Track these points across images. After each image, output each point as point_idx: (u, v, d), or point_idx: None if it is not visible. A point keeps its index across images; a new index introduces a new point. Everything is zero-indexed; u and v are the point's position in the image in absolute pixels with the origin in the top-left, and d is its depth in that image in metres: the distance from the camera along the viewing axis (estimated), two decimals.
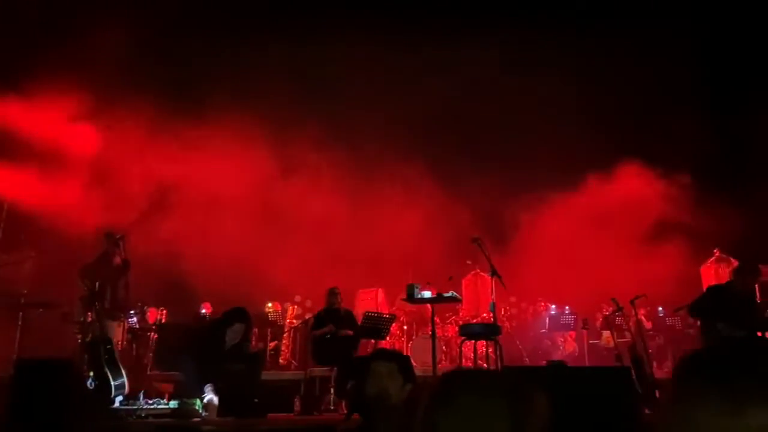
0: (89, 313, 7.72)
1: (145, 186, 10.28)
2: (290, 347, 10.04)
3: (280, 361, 9.85)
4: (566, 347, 10.04)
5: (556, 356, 9.70)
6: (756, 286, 7.10)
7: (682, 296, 9.82)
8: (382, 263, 10.78)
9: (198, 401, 5.86)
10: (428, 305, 7.25)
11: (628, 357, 7.67)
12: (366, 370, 3.15)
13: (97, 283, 7.74)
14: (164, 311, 9.44)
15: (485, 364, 6.72)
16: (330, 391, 7.75)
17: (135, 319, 8.67)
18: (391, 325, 8.16)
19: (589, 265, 10.67)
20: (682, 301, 9.95)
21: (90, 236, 8.28)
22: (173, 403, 5.84)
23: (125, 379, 6.28)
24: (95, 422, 4.23)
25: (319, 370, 7.96)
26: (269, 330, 9.88)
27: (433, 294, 6.67)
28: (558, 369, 4.04)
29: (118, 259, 8.05)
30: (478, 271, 10.49)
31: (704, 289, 9.01)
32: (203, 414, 5.79)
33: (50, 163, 9.34)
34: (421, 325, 10.07)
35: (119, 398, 6.06)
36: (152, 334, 8.68)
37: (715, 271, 9.69)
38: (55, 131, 9.46)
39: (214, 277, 9.32)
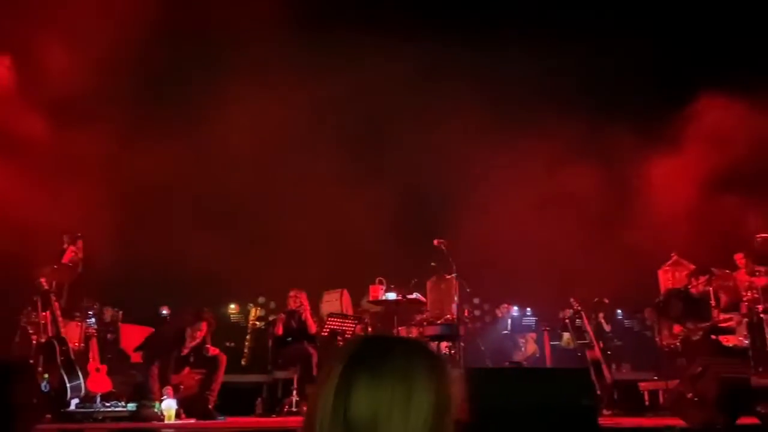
0: (44, 314, 7.54)
1: (103, 182, 10.03)
2: (252, 349, 9.92)
3: (242, 362, 9.73)
4: (527, 348, 10.17)
5: (518, 357, 9.83)
6: (710, 288, 7.28)
7: (640, 298, 10.12)
8: (346, 264, 10.76)
9: (157, 404, 5.76)
10: (393, 306, 7.27)
11: (588, 359, 7.83)
12: None
13: (53, 283, 7.56)
14: (120, 312, 9.22)
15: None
16: (292, 393, 7.71)
17: (93, 320, 8.46)
18: (355, 327, 8.16)
19: (550, 267, 10.84)
20: (639, 303, 10.24)
21: (45, 234, 8.04)
22: (131, 406, 5.72)
23: (82, 381, 6.12)
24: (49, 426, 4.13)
25: (281, 373, 7.90)
26: (230, 332, 9.78)
27: (397, 296, 6.70)
28: (519, 371, 4.07)
29: (75, 259, 7.86)
30: (443, 274, 10.54)
31: (662, 292, 9.25)
32: (162, 417, 5.68)
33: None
34: (386, 326, 10.08)
35: (75, 401, 5.90)
36: (109, 335, 8.49)
37: (672, 275, 9.91)
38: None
39: (174, 277, 9.15)
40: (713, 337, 6.83)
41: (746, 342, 8.33)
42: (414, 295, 6.82)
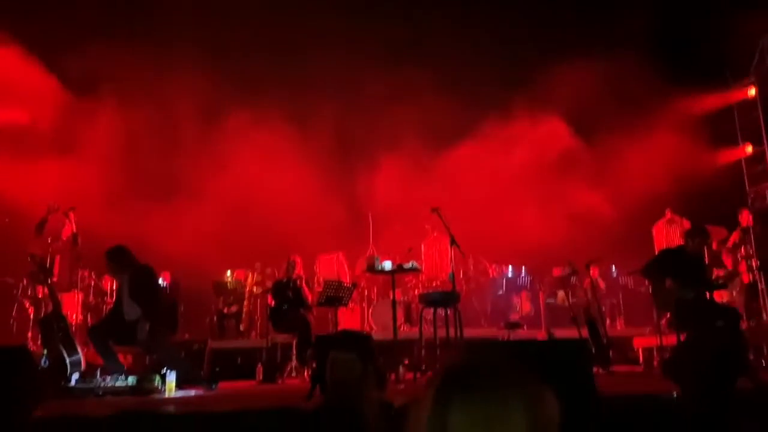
0: (40, 288, 7.54)
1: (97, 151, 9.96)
2: (251, 315, 9.99)
3: (240, 328, 9.81)
4: (523, 307, 10.25)
5: (514, 317, 9.92)
6: (705, 247, 7.30)
7: (635, 255, 10.16)
8: (343, 227, 10.77)
9: (157, 377, 5.79)
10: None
11: (583, 317, 7.89)
12: (326, 354, 3.15)
13: (48, 257, 7.54)
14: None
15: (445, 328, 6.79)
16: (292, 358, 7.79)
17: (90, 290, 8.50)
18: (352, 293, 8.19)
19: (544, 225, 10.88)
20: (634, 260, 10.28)
21: (37, 208, 7.98)
22: (131, 379, 5.74)
23: (81, 355, 6.14)
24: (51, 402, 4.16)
25: (280, 338, 7.96)
26: (231, 297, 9.84)
27: (393, 266, 6.70)
28: (519, 344, 4.09)
29: (68, 232, 7.81)
30: (437, 235, 10.56)
31: (656, 250, 9.29)
32: (162, 390, 5.72)
33: None
34: (382, 289, 10.15)
35: (75, 376, 5.93)
36: (106, 306, 8.52)
37: (666, 232, 9.95)
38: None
39: (172, 245, 9.13)
40: (707, 294, 6.86)
41: (740, 297, 8.45)
42: (410, 264, 6.81)
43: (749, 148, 11.03)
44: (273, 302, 8.11)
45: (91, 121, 10.01)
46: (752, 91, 10.95)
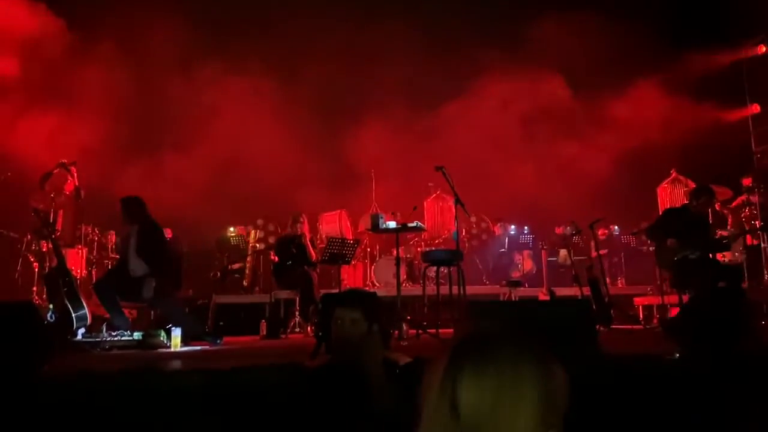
0: (44, 243, 7.55)
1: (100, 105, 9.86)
2: (254, 270, 10.04)
3: (244, 284, 9.87)
4: (524, 266, 10.30)
5: (515, 275, 9.97)
6: (709, 207, 7.27)
7: (639, 215, 10.16)
8: (345, 184, 10.74)
9: (162, 332, 5.85)
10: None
11: (585, 276, 7.93)
12: (332, 311, 3.16)
13: (51, 212, 7.53)
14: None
15: (448, 286, 6.82)
16: (295, 314, 7.86)
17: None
18: (355, 250, 8.21)
19: (547, 184, 10.84)
20: (637, 219, 10.29)
21: (38, 163, 7.92)
22: (137, 335, 5.81)
23: (86, 310, 6.19)
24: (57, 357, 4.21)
25: (283, 293, 8.02)
26: (234, 253, 9.88)
27: (397, 224, 6.70)
28: (523, 304, 4.11)
29: (70, 186, 7.78)
30: (440, 193, 10.53)
31: (660, 210, 9.27)
32: (167, 345, 5.79)
33: None
34: (385, 247, 10.18)
35: (81, 330, 5.99)
36: (110, 262, 8.55)
37: (671, 192, 9.91)
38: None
39: (173, 202, 9.11)
40: (710, 255, 6.88)
41: (742, 258, 8.47)
42: (414, 224, 6.80)
43: (756, 108, 10.88)
44: (276, 258, 8.13)
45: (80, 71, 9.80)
46: (762, 49, 10.76)
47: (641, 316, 8.63)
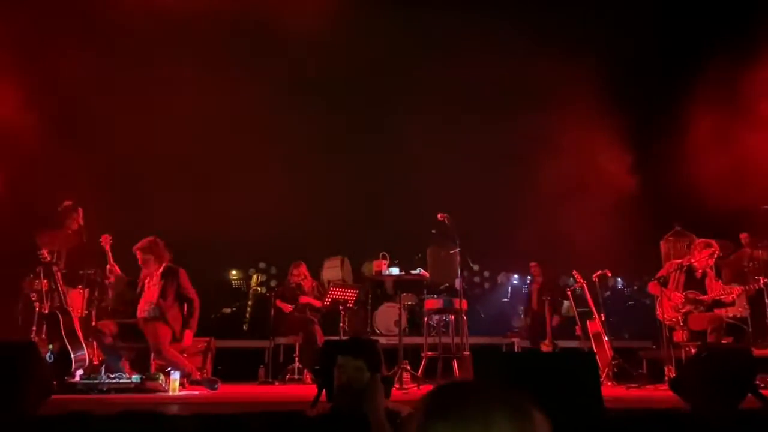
0: (46, 282, 7.52)
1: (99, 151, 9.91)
2: (254, 314, 9.99)
3: (244, 327, 9.81)
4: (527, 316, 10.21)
5: (518, 325, 9.90)
6: (712, 261, 7.26)
7: (641, 268, 10.14)
8: (346, 231, 10.74)
9: (161, 375, 5.79)
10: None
11: (588, 330, 7.89)
12: (334, 359, 3.14)
13: (55, 252, 7.53)
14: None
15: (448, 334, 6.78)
16: (294, 360, 7.78)
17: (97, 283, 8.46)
18: (356, 296, 8.19)
19: (552, 236, 10.82)
20: (640, 273, 10.27)
21: (42, 203, 7.96)
22: (136, 377, 5.74)
23: (85, 351, 6.15)
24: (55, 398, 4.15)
25: (283, 339, 7.96)
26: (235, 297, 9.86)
27: (400, 271, 6.70)
28: (528, 354, 4.08)
29: (74, 226, 7.80)
30: (443, 241, 10.52)
31: (663, 263, 9.25)
32: (166, 388, 5.72)
33: None
34: (386, 292, 10.14)
35: (80, 372, 5.93)
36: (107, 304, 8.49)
37: (674, 246, 9.91)
38: None
39: (176, 243, 9.12)
40: (715, 310, 6.85)
41: (747, 313, 8.41)
42: (417, 271, 6.81)
43: None
44: (280, 304, 8.11)
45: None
46: None
47: (645, 369, 8.52)
